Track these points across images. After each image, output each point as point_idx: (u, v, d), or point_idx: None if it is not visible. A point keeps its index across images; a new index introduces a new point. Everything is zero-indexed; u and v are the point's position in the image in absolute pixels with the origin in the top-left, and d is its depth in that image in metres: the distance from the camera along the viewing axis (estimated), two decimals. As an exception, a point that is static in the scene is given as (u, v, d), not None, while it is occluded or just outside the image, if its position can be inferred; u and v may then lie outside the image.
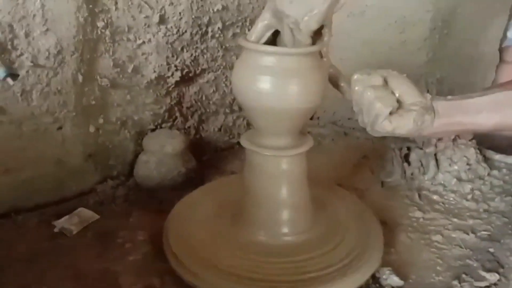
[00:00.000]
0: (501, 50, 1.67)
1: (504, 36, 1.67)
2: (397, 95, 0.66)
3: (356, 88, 0.66)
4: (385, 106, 0.64)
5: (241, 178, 0.84)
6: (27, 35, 0.85)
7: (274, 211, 0.79)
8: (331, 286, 0.71)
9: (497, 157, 1.14)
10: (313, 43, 0.72)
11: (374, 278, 0.76)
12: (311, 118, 1.48)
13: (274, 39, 0.77)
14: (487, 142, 1.22)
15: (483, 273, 0.78)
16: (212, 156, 1.22)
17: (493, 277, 0.76)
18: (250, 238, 0.79)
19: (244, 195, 0.81)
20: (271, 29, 0.74)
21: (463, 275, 0.78)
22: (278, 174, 0.78)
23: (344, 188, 1.00)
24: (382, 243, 0.81)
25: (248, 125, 1.31)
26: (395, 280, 0.75)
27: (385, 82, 0.67)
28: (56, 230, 0.88)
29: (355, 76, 0.67)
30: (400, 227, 0.92)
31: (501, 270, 0.79)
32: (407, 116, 0.66)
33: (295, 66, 0.70)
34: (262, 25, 0.73)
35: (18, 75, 0.81)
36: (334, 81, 0.75)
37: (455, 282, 0.76)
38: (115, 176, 1.08)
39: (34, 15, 0.84)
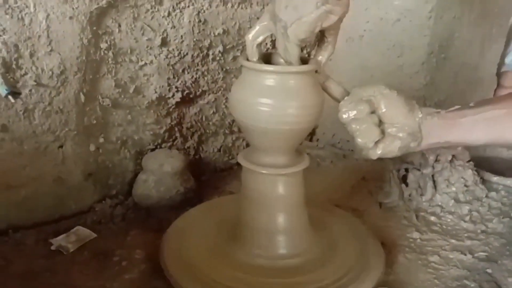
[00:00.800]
0: (498, 75, 1.70)
1: (502, 61, 1.71)
2: (385, 118, 0.68)
3: (344, 117, 0.68)
4: (368, 142, 0.67)
5: (237, 197, 0.85)
6: (31, 55, 0.87)
7: (271, 233, 0.80)
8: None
9: (495, 179, 1.14)
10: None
11: (371, 298, 0.76)
12: (311, 140, 1.50)
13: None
14: (486, 165, 1.22)
15: (481, 294, 0.77)
16: (211, 176, 1.23)
17: (490, 298, 0.76)
18: (247, 259, 0.79)
19: (241, 216, 0.82)
20: (267, 32, 0.74)
21: (460, 296, 0.77)
22: (275, 194, 0.79)
23: (342, 209, 1.00)
24: (383, 263, 0.81)
25: (248, 145, 1.32)
26: (392, 300, 0.74)
27: (373, 103, 0.68)
28: (53, 248, 0.89)
29: (341, 109, 0.68)
30: (398, 248, 0.91)
31: (499, 291, 0.79)
32: (393, 145, 0.68)
33: (292, 85, 0.72)
34: (260, 26, 0.74)
35: (20, 93, 0.83)
36: (335, 97, 0.76)
37: (453, 303, 0.76)
38: (114, 195, 1.09)
39: (39, 36, 0.87)
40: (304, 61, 0.75)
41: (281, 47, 0.72)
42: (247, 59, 0.76)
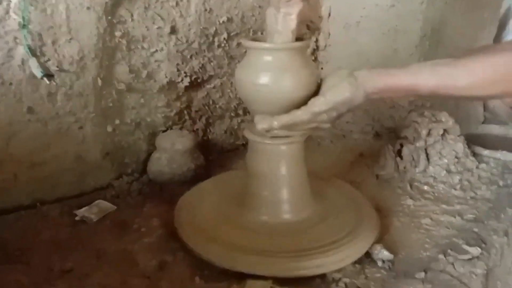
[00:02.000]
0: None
1: (495, 45, 1.77)
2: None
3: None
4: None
5: (244, 171, 0.93)
6: (53, 43, 0.95)
7: (275, 191, 0.87)
8: (327, 258, 0.79)
9: (486, 152, 1.21)
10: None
11: (367, 254, 0.83)
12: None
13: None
14: (478, 142, 1.30)
15: (467, 247, 0.85)
16: (218, 156, 1.31)
17: (475, 251, 0.83)
18: (253, 218, 0.87)
19: (248, 186, 0.90)
20: None
21: (449, 250, 0.85)
22: (277, 158, 0.87)
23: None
24: (377, 224, 0.89)
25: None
26: (385, 254, 0.82)
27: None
28: (77, 218, 0.97)
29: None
30: (392, 213, 0.99)
31: (483, 245, 0.86)
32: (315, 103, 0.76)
33: (287, 61, 0.80)
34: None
35: (53, 75, 0.91)
36: None
37: (441, 256, 0.83)
38: (129, 173, 1.16)
39: (61, 25, 0.95)
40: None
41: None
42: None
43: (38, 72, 0.89)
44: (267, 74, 0.80)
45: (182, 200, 0.95)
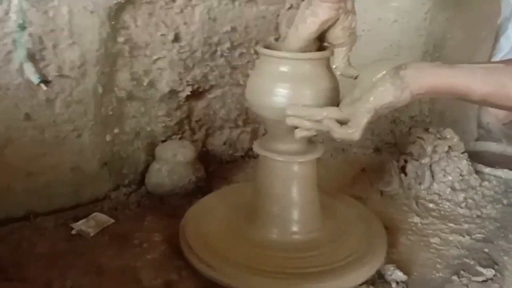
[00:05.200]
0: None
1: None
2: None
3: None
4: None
5: (250, 184, 0.90)
6: (54, 46, 0.91)
7: (285, 209, 0.85)
8: (337, 280, 0.76)
9: (487, 170, 1.21)
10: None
11: (379, 274, 0.81)
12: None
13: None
14: (476, 159, 1.30)
15: (480, 269, 0.84)
16: (218, 168, 1.27)
17: (489, 273, 0.82)
18: (262, 236, 0.84)
19: (256, 196, 0.86)
20: None
21: (462, 271, 0.83)
22: (290, 177, 0.84)
23: (346, 196, 1.06)
24: (386, 242, 0.87)
25: (252, 139, 1.37)
26: (399, 275, 0.80)
27: None
28: (73, 232, 0.92)
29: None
30: (400, 231, 0.97)
31: (496, 267, 0.85)
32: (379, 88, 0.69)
33: (308, 71, 0.77)
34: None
35: (50, 82, 0.87)
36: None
37: (455, 277, 0.82)
38: (126, 184, 1.12)
39: (62, 29, 0.91)
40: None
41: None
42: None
43: (34, 78, 0.84)
44: (286, 84, 0.77)
45: (187, 215, 0.91)
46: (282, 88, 0.77)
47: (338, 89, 0.81)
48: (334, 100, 0.79)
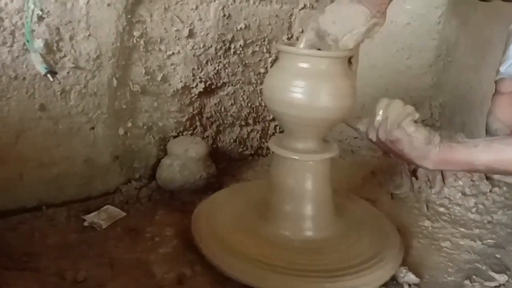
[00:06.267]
0: (496, 82, 1.78)
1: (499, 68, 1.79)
2: None
3: (385, 102, 0.75)
4: (414, 111, 0.73)
5: (261, 182, 0.90)
6: (71, 38, 0.91)
7: (299, 207, 0.85)
8: (355, 280, 0.76)
9: (497, 176, 1.21)
10: None
11: (392, 276, 0.81)
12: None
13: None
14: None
15: (493, 274, 0.83)
16: (227, 165, 1.27)
17: (502, 278, 0.82)
18: (275, 232, 0.84)
19: (270, 193, 0.86)
20: (313, 48, 0.81)
21: (474, 276, 0.83)
22: (304, 175, 0.84)
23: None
24: (402, 245, 0.87)
25: (261, 138, 1.37)
26: (412, 278, 0.80)
27: None
28: (86, 224, 0.92)
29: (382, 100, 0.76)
30: (411, 234, 0.97)
31: (508, 272, 0.85)
32: (425, 128, 0.74)
33: (328, 70, 0.77)
34: (307, 44, 0.81)
35: (56, 73, 0.87)
36: (350, 123, 0.83)
37: (467, 282, 0.82)
38: (137, 178, 1.12)
39: (79, 21, 0.91)
40: None
41: None
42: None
43: (42, 68, 0.84)
44: (304, 81, 0.77)
45: (198, 209, 0.91)
46: (301, 85, 0.77)
47: (355, 87, 0.81)
48: (351, 98, 0.79)
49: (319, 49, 0.81)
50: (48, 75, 0.86)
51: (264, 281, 0.74)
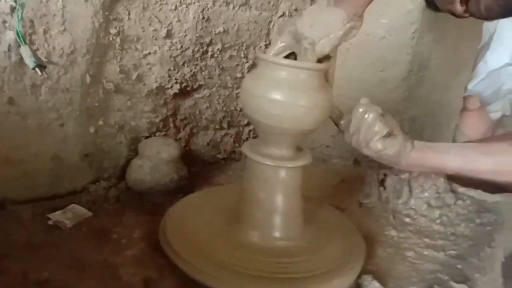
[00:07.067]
0: (463, 98, 1.84)
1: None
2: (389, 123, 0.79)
3: (361, 109, 0.77)
4: (384, 127, 0.74)
5: (233, 187, 0.90)
6: (45, 32, 0.89)
7: (269, 214, 0.85)
8: (318, 286, 0.77)
9: (461, 189, 1.25)
10: None
11: (357, 284, 0.82)
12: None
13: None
14: (453, 178, 1.33)
15: (454, 284, 0.86)
16: (200, 168, 1.27)
17: (462, 288, 0.85)
18: (245, 238, 0.84)
19: (242, 199, 0.87)
20: (288, 50, 0.82)
21: (436, 286, 0.85)
22: (276, 182, 0.85)
23: (327, 206, 1.07)
24: (365, 253, 0.89)
25: (235, 142, 1.37)
26: (376, 286, 0.81)
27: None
28: (50, 222, 0.90)
29: (362, 100, 0.77)
30: (378, 242, 0.99)
31: (468, 282, 0.87)
32: (395, 140, 0.77)
33: (306, 81, 0.78)
34: (282, 46, 0.82)
35: (45, 67, 0.85)
36: (333, 118, 0.84)
37: (429, 291, 0.84)
38: (106, 178, 1.10)
39: (55, 15, 0.89)
40: None
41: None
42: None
43: (30, 62, 0.82)
44: (282, 91, 0.78)
45: (169, 212, 0.90)
46: (278, 94, 0.78)
47: (332, 99, 0.82)
48: (327, 109, 0.80)
49: (294, 53, 0.82)
50: (37, 69, 0.85)
51: (231, 286, 0.74)
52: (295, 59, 0.83)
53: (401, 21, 1.33)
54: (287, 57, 0.83)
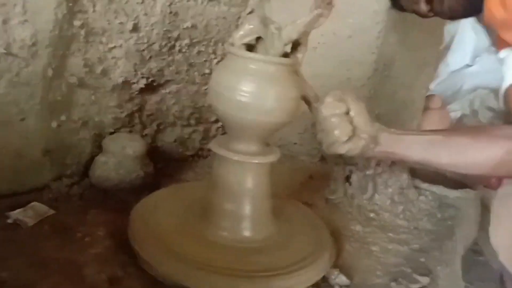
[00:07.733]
0: (426, 98, 1.90)
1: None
2: (354, 120, 0.81)
3: (323, 112, 0.78)
4: (342, 136, 0.79)
5: (201, 183, 0.90)
6: (4, 22, 0.85)
7: (238, 217, 0.85)
8: (285, 281, 0.77)
9: (424, 185, 1.29)
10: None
11: (324, 278, 0.84)
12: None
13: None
14: (416, 174, 1.37)
15: (417, 277, 0.88)
16: (166, 165, 1.25)
17: (425, 280, 0.87)
18: (214, 233, 0.83)
19: (210, 200, 0.86)
20: (254, 34, 0.81)
21: (400, 279, 0.88)
22: (244, 181, 0.85)
23: (295, 202, 1.08)
24: (333, 248, 0.90)
25: (203, 139, 1.36)
26: (343, 279, 0.83)
27: (347, 106, 0.80)
28: (10, 221, 0.86)
29: (328, 98, 0.78)
30: (344, 237, 1.01)
31: (431, 275, 0.90)
32: (357, 144, 0.80)
33: (275, 74, 0.78)
34: (249, 28, 0.81)
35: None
36: (307, 100, 0.85)
37: (393, 284, 0.86)
38: (69, 175, 1.07)
39: (15, 5, 0.85)
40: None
41: (268, 46, 0.80)
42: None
43: None
44: (251, 82, 0.78)
45: (136, 209, 0.88)
46: (247, 86, 0.77)
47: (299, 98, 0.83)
48: (297, 103, 0.81)
49: (261, 38, 0.82)
50: None
51: (198, 282, 0.74)
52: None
53: (367, 21, 1.35)
54: (256, 41, 0.83)
